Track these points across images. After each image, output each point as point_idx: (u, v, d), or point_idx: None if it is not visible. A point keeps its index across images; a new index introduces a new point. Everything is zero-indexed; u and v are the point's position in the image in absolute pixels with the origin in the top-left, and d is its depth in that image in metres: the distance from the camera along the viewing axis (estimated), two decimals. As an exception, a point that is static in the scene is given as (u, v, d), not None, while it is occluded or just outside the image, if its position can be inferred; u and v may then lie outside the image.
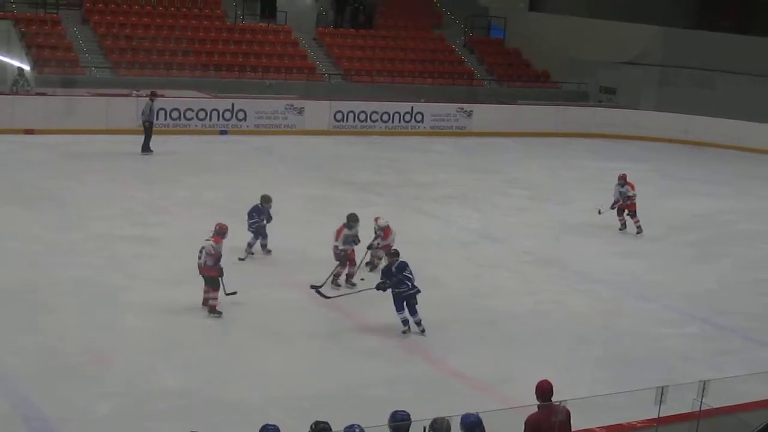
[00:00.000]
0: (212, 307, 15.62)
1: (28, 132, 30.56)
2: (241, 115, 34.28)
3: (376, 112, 36.98)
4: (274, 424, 8.96)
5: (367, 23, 44.32)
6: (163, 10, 40.00)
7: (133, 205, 22.92)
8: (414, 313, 15.62)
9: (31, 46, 35.50)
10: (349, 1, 44.18)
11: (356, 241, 17.94)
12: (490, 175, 30.60)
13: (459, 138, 37.31)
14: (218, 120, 33.90)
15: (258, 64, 39.24)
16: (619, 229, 24.04)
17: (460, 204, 25.87)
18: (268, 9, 42.32)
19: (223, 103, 34.16)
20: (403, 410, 9.38)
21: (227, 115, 34.05)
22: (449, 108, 38.46)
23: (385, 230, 18.52)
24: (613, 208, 23.98)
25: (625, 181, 23.80)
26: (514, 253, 21.65)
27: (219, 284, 15.62)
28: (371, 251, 18.77)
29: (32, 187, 23.90)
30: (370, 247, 18.60)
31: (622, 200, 23.84)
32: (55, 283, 16.84)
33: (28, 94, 32.68)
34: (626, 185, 23.77)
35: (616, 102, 43.08)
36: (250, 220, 19.03)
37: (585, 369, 14.80)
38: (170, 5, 40.36)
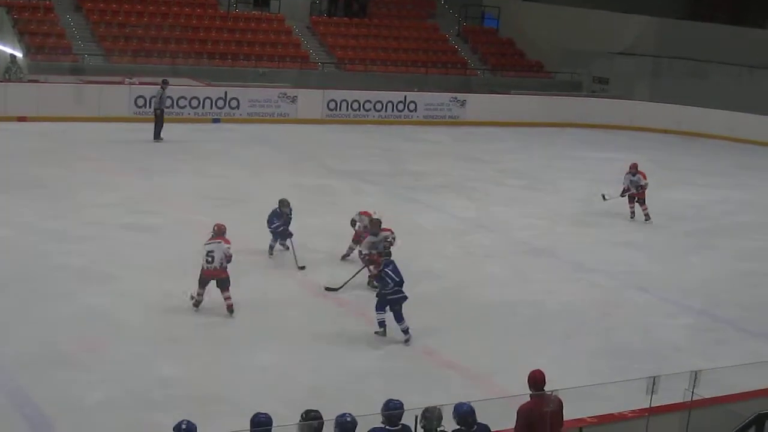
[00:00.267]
0: (230, 307, 15.36)
1: (21, 119, 30.49)
2: (234, 104, 34.25)
3: (369, 101, 36.99)
4: (265, 413, 8.98)
5: (361, 12, 44.31)
6: (157, -3, 39.97)
7: (126, 194, 22.90)
8: (400, 320, 14.91)
9: (23, 33, 35.39)
10: (342, -11, 44.21)
11: (385, 246, 16.79)
12: (484, 165, 30.61)
13: (452, 127, 37.33)
14: (211, 108, 33.88)
15: (251, 52, 39.15)
16: (630, 218, 24.39)
17: (453, 193, 25.87)
18: (262, -3, 42.35)
19: (216, 92, 34.13)
20: (397, 399, 9.41)
21: (220, 104, 34.03)
22: (443, 97, 38.50)
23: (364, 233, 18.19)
24: (623, 196, 24.35)
25: (637, 170, 24.23)
26: (508, 242, 21.68)
27: (230, 283, 15.34)
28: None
29: (25, 175, 23.85)
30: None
31: (633, 189, 24.21)
32: (48, 272, 16.81)
33: (21, 81, 32.61)
34: (638, 174, 24.19)
35: (609, 92, 43.12)
36: (271, 225, 18.50)
37: (578, 359, 14.81)
38: (163, -7, 40.29)
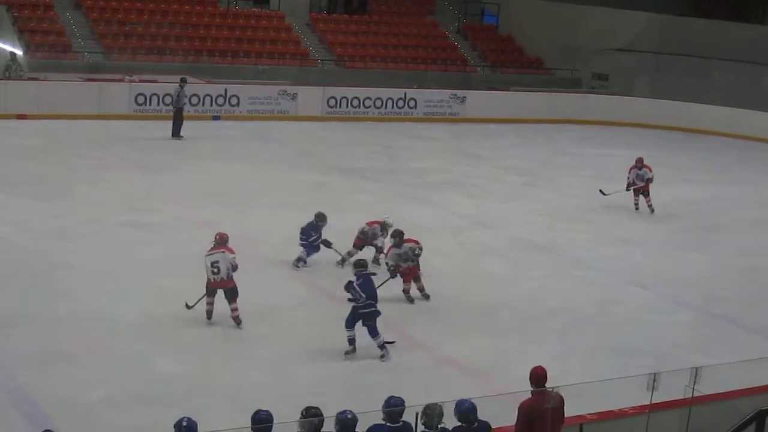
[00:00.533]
0: (237, 318, 14.92)
1: (21, 117, 30.41)
2: (234, 101, 34.21)
3: (369, 98, 36.96)
4: (266, 410, 8.99)
5: (361, 9, 44.32)
6: (156, -6, 39.93)
7: (126, 191, 22.88)
8: (375, 335, 14.13)
9: (23, 31, 35.36)
10: (342, -14, 44.20)
11: (412, 258, 16.65)
12: (483, 162, 30.60)
13: (452, 124, 37.32)
14: (211, 105, 33.81)
15: (251, 49, 39.14)
16: (635, 209, 24.77)
17: (453, 190, 25.85)
18: (262, -6, 42.33)
19: (216, 89, 34.09)
20: (398, 396, 9.42)
21: (220, 101, 33.97)
22: (442, 94, 38.47)
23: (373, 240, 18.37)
24: (627, 190, 24.75)
25: (643, 164, 24.69)
26: (508, 239, 21.66)
27: (238, 294, 14.90)
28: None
29: (24, 172, 23.83)
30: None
31: (640, 182, 24.61)
32: (48, 270, 16.80)
33: (21, 79, 32.62)
34: (644, 168, 24.65)
35: (609, 89, 43.10)
36: (309, 238, 18.03)
37: (578, 355, 14.81)
38: (163, -11, 40.26)
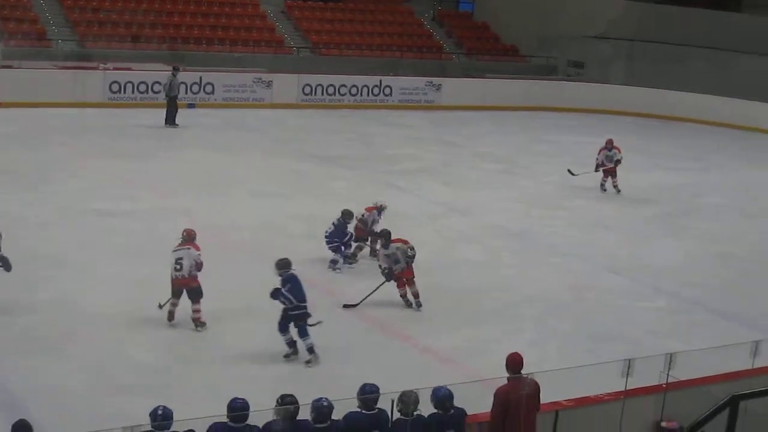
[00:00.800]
0: (198, 320, 14.33)
1: (-5, 105, 30.32)
2: (209, 89, 34.12)
3: (344, 86, 36.94)
4: (242, 398, 8.99)
5: (336, -4, 44.22)
6: (130, -18, 39.64)
7: (101, 179, 22.77)
8: (304, 335, 13.50)
9: (-4, 19, 35.16)
10: (317, -27, 44.04)
11: (405, 260, 15.73)
12: (459, 149, 30.63)
13: (428, 112, 37.33)
14: (186, 93, 33.52)
15: (226, 37, 39.01)
16: (601, 191, 25.13)
17: (429, 178, 25.86)
18: (237, -19, 42.11)
19: (190, 77, 33.85)
20: (372, 383, 9.43)
21: (195, 89, 33.86)
22: (418, 82, 38.48)
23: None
24: (597, 171, 25.06)
25: (612, 145, 24.92)
26: (484, 226, 21.68)
27: (202, 294, 14.41)
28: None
29: (-1, 161, 23.73)
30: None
31: (609, 163, 24.89)
32: (21, 259, 16.65)
33: (-6, 67, 32.42)
34: (614, 149, 24.89)
35: (584, 76, 43.16)
36: (343, 238, 17.55)
37: (553, 342, 14.85)
38: (137, -23, 39.99)
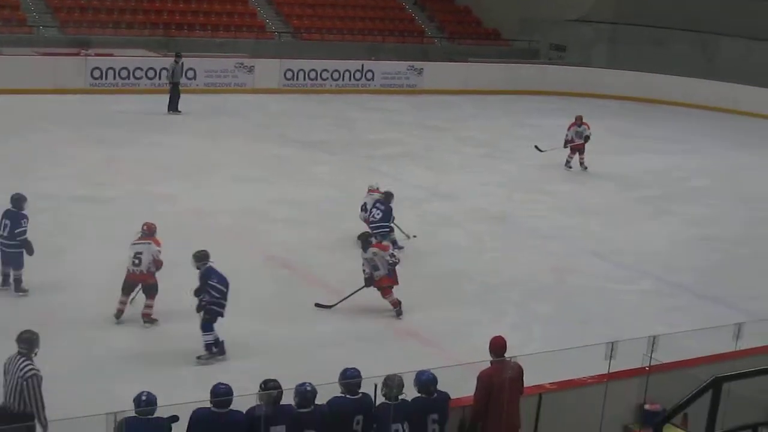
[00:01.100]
0: (148, 316, 13.87)
1: (-26, 92, 30.13)
2: (190, 74, 33.95)
3: (326, 70, 36.90)
4: (225, 383, 8.95)
5: (317, -20, 44.02)
6: (111, -33, 39.39)
7: (81, 165, 22.68)
8: (209, 330, 12.99)
9: (-24, 5, 34.94)
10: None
11: (385, 267, 14.82)
12: (442, 133, 30.61)
13: (410, 96, 37.30)
14: (168, 79, 33.48)
15: (207, 22, 38.87)
16: (566, 167, 25.54)
17: (411, 162, 25.84)
18: (217, -34, 41.87)
19: (172, 62, 33.71)
20: (354, 367, 9.39)
21: (177, 74, 33.67)
22: (400, 66, 38.44)
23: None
24: (565, 147, 25.30)
25: (582, 122, 25.18)
26: (466, 210, 21.66)
27: (157, 291, 14.00)
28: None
29: (-22, 147, 23.58)
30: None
31: (579, 139, 25.11)
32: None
33: (-26, 53, 32.23)
34: (583, 125, 25.15)
35: (566, 59, 43.16)
36: (391, 219, 17.41)
37: (537, 325, 14.86)
38: (117, -38, 39.74)
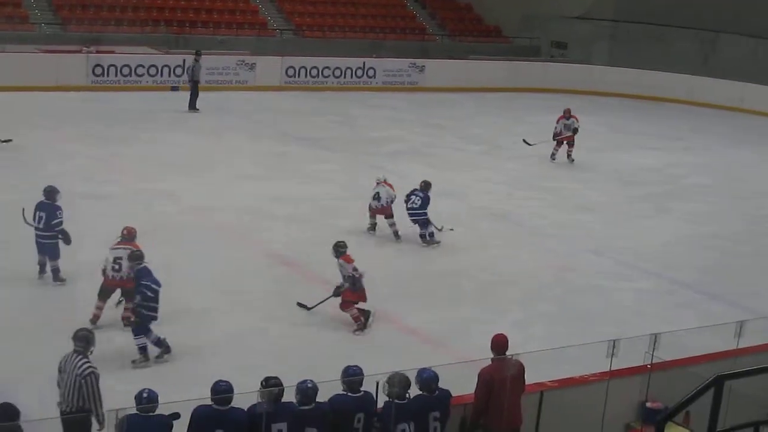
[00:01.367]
0: (129, 318, 13.39)
1: (-24, 89, 30.09)
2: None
3: (328, 68, 36.87)
4: (226, 381, 8.94)
5: (319, -22, 44.02)
6: (112, -36, 39.37)
7: (83, 162, 22.67)
8: (145, 334, 12.72)
9: (-22, 2, 34.92)
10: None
11: (351, 279, 14.28)
12: (443, 131, 30.60)
13: (411, 93, 37.26)
14: (169, 76, 33.61)
15: (209, 19, 38.87)
16: (551, 159, 25.96)
17: (413, 160, 25.81)
18: (219, -36, 41.88)
19: (174, 59, 33.84)
20: (356, 365, 9.40)
21: (178, 71, 33.67)
22: (401, 63, 38.42)
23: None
24: (554, 140, 25.76)
25: (570, 114, 25.60)
26: (467, 208, 21.66)
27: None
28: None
29: (-20, 144, 23.55)
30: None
31: (568, 132, 25.51)
32: (2, 242, 16.64)
33: (-24, 50, 32.22)
34: (571, 118, 25.56)
35: (567, 57, 43.14)
36: (426, 212, 18.41)
37: (537, 323, 14.87)
38: (119, -40, 39.73)
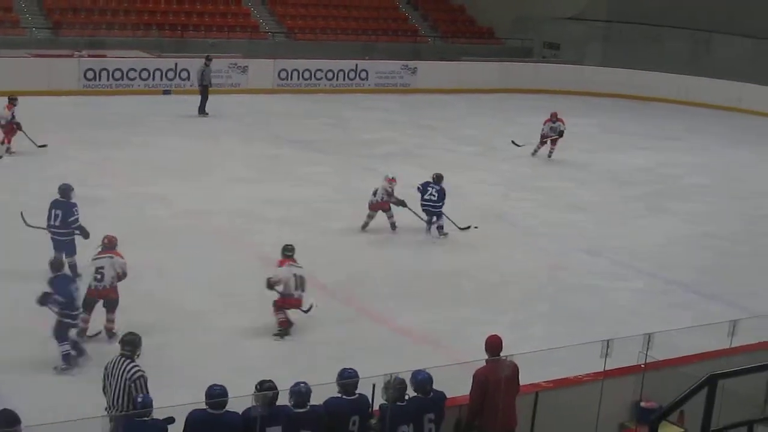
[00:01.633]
0: (111, 330, 13.29)
1: (-33, 94, 30.00)
2: (184, 75, 33.93)
3: (320, 70, 36.87)
4: (220, 384, 8.91)
5: (311, -20, 44.01)
6: (103, -32, 39.34)
7: (75, 167, 22.58)
8: (64, 340, 12.38)
9: (-31, 7, 34.87)
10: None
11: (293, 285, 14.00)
12: (436, 132, 30.59)
13: (404, 95, 37.28)
14: (161, 80, 33.60)
15: (200, 22, 38.84)
16: (532, 155, 26.52)
17: (406, 161, 25.74)
18: (211, -33, 41.86)
19: (165, 63, 33.83)
20: (351, 368, 9.37)
21: (170, 75, 33.71)
22: (393, 65, 38.42)
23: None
24: (543, 143, 26.27)
25: (557, 118, 26.05)
26: (460, 209, 21.59)
27: (118, 304, 13.37)
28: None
29: (-28, 149, 23.50)
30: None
31: (554, 134, 26.02)
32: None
33: (-32, 55, 32.13)
34: (558, 121, 26.03)
35: (560, 58, 43.17)
36: (442, 204, 19.06)
37: (532, 324, 14.85)
38: (110, -37, 39.68)
